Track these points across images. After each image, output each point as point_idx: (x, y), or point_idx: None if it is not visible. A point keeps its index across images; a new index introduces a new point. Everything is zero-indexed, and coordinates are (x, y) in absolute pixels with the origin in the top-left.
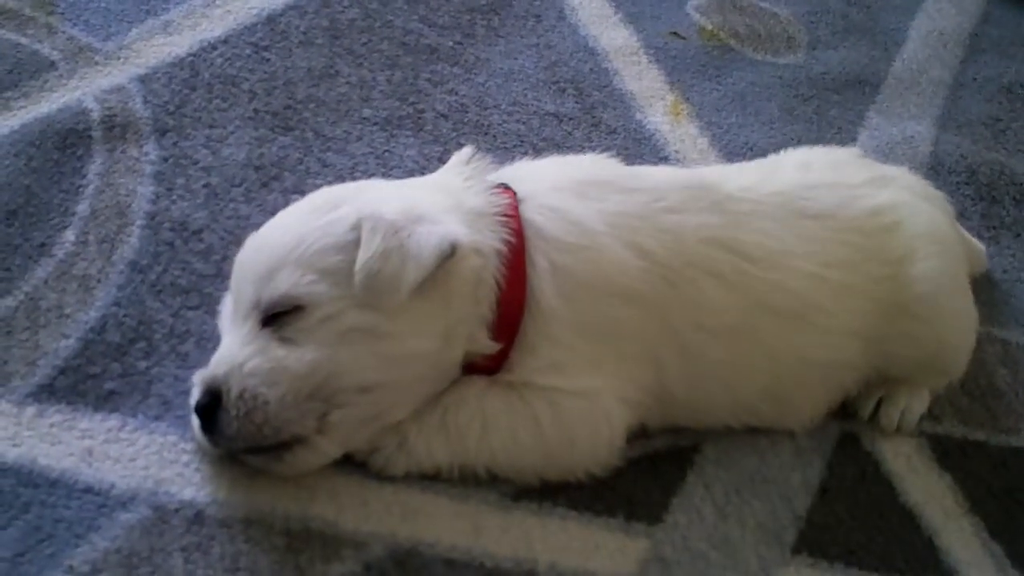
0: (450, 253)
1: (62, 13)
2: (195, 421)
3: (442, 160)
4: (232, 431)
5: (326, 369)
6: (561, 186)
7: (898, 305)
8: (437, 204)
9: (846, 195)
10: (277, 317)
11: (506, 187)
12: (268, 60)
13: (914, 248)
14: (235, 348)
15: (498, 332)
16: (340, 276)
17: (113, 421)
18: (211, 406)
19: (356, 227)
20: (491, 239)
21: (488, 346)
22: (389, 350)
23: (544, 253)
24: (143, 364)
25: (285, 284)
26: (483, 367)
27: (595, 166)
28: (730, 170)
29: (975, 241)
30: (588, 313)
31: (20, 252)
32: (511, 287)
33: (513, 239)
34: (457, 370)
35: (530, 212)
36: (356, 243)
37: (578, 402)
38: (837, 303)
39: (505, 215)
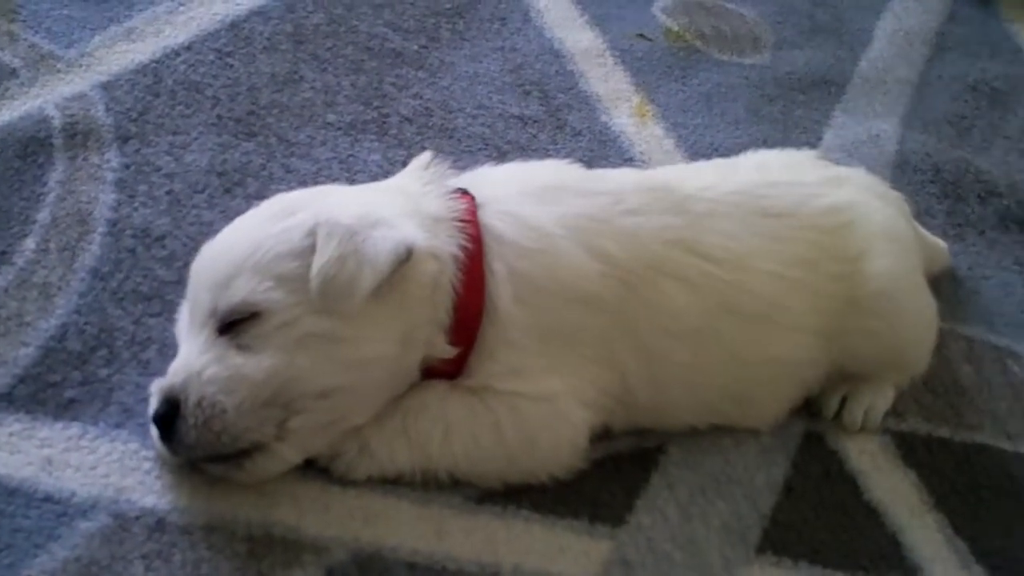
0: (406, 257)
1: (24, 20)
2: (154, 430)
3: (407, 164)
4: (191, 440)
5: (284, 375)
6: (520, 191)
7: (856, 302)
8: (394, 209)
9: (804, 193)
10: (234, 324)
11: (465, 192)
12: (232, 66)
13: (869, 246)
14: (192, 356)
15: (456, 337)
16: (297, 282)
17: (73, 429)
18: (169, 415)
19: (312, 233)
20: (448, 244)
21: (446, 351)
22: (347, 355)
23: (502, 258)
24: (104, 372)
25: (242, 291)
26: (443, 372)
27: (555, 170)
28: (689, 170)
29: (935, 239)
30: (547, 318)
31: None
32: (468, 292)
33: (470, 244)
34: (416, 374)
35: (488, 217)
36: (312, 249)
37: (539, 406)
38: (798, 301)
39: (463, 220)
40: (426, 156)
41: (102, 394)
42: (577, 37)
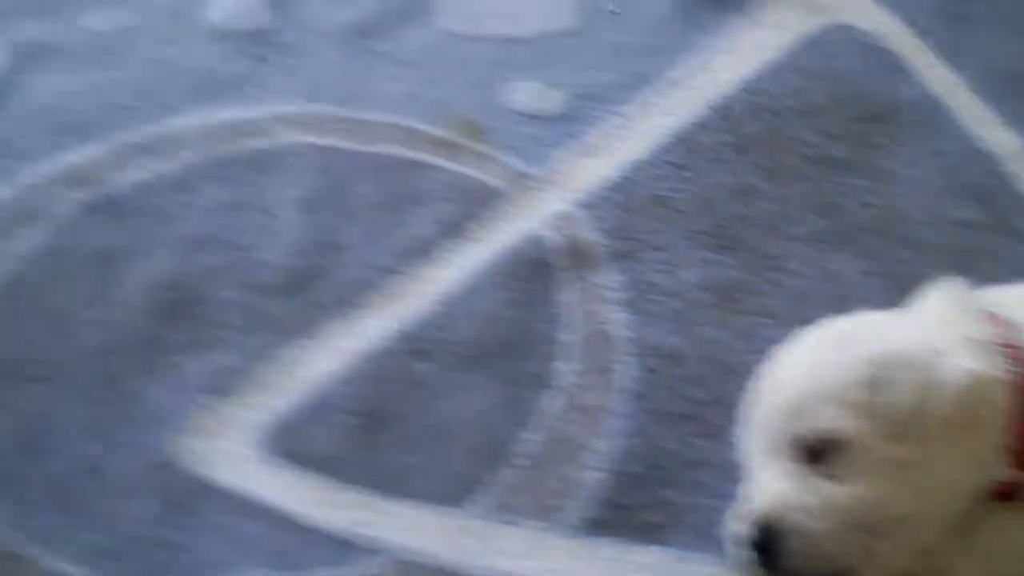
0: (970, 385)
1: (490, 140)
2: (744, 554)
3: (880, 276)
4: (789, 565)
5: (869, 503)
6: None
7: None
8: (945, 336)
9: None
10: (813, 452)
11: (993, 315)
12: (688, 179)
13: None
14: (777, 484)
15: (1016, 459)
16: (868, 411)
17: (655, 555)
18: (766, 542)
19: (874, 362)
20: (999, 368)
21: (1006, 474)
22: (921, 480)
23: None
24: (666, 494)
25: (819, 421)
26: (1000, 493)
27: None
28: None
29: None
30: None
31: (522, 384)
32: (1023, 414)
33: (1019, 368)
34: (978, 496)
35: None
36: (879, 378)
37: None
38: None
39: (1006, 345)
40: (949, 282)
41: (672, 516)
42: (999, 137)
